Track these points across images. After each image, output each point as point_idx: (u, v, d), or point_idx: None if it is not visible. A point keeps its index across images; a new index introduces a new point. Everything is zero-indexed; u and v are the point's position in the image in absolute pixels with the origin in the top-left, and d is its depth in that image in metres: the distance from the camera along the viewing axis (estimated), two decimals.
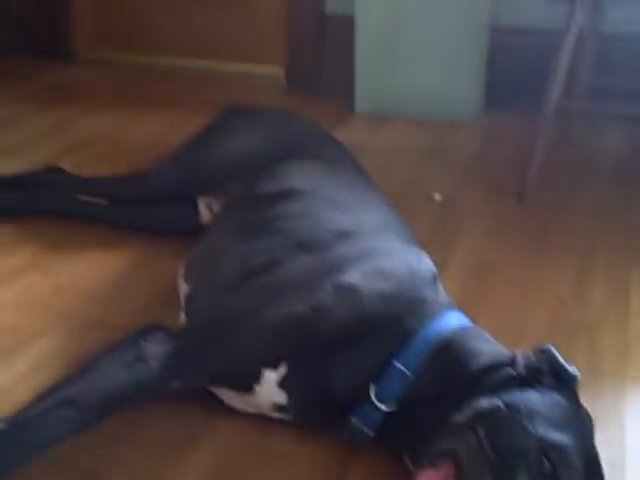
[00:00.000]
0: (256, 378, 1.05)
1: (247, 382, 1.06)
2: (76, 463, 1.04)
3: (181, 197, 1.61)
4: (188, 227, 1.60)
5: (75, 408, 0.98)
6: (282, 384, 1.05)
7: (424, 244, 1.29)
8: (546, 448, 0.86)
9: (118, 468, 1.04)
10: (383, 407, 1.01)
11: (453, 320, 1.07)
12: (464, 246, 1.64)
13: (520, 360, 0.97)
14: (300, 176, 1.44)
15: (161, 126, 2.30)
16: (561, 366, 0.95)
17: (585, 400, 0.97)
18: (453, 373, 1.00)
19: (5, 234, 1.64)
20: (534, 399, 0.91)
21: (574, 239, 1.67)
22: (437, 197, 1.85)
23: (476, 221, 1.75)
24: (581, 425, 0.92)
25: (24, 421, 0.99)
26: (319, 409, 1.06)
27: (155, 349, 1.06)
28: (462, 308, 1.17)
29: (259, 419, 1.11)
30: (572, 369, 0.95)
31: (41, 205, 1.69)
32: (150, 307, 1.40)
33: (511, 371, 0.96)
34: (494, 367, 0.98)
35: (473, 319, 1.13)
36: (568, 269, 1.56)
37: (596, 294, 1.47)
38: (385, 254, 1.16)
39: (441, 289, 1.17)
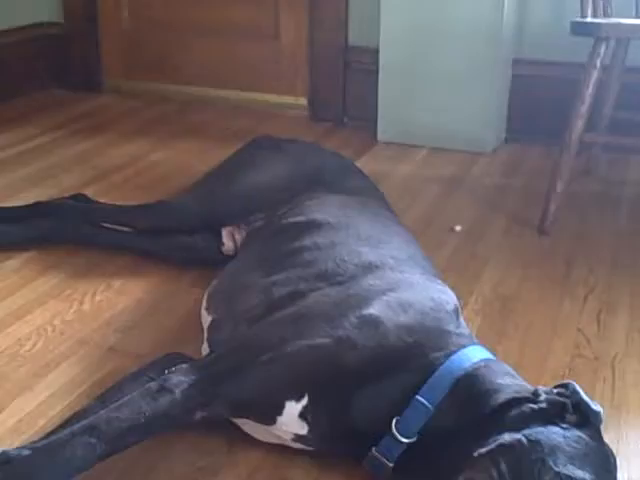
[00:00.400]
0: (278, 409, 1.05)
1: (269, 413, 1.06)
2: None
3: (205, 227, 1.63)
4: (211, 257, 1.61)
5: (98, 437, 0.99)
6: (303, 415, 1.05)
7: (445, 275, 1.29)
8: None
9: None
10: (404, 440, 1.01)
11: (475, 353, 1.07)
12: (485, 278, 1.64)
13: (542, 395, 0.97)
14: (323, 208, 1.45)
15: (186, 155, 2.33)
16: (584, 402, 0.94)
17: (608, 436, 0.96)
18: (474, 407, 1.00)
19: (30, 261, 1.67)
20: (556, 435, 0.91)
21: (595, 272, 1.67)
22: (458, 228, 1.85)
23: (497, 253, 1.75)
24: (603, 462, 0.91)
25: (48, 448, 0.99)
26: (340, 440, 1.06)
27: (179, 379, 1.06)
28: (483, 340, 1.17)
29: (279, 449, 1.11)
30: (595, 405, 0.95)
31: (66, 233, 1.71)
32: (172, 336, 1.41)
33: (533, 406, 0.96)
34: (516, 402, 0.98)
35: (494, 352, 1.13)
36: (590, 303, 1.55)
37: (618, 328, 1.46)
38: (408, 287, 1.17)
39: (463, 322, 1.18)
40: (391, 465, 1.02)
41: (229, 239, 1.62)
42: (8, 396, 1.23)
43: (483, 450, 0.93)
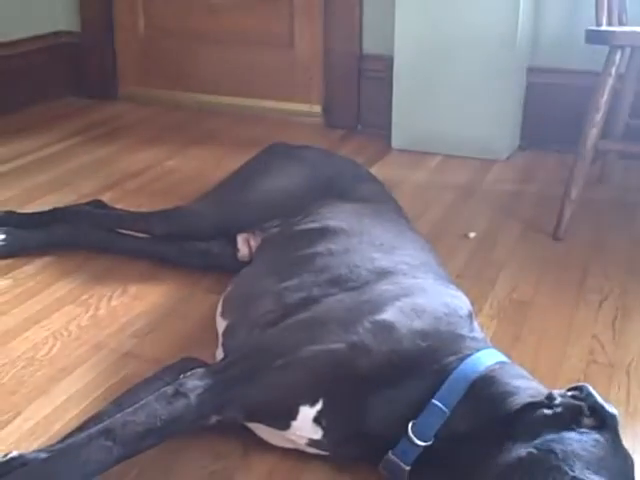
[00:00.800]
0: (293, 414, 1.06)
1: (284, 418, 1.07)
2: None
3: (220, 233, 1.63)
4: (226, 263, 1.62)
5: (114, 440, 0.99)
6: (318, 420, 1.05)
7: (459, 281, 1.29)
8: None
9: None
10: (420, 443, 1.01)
11: (489, 357, 1.08)
12: (500, 284, 1.64)
13: (557, 399, 0.97)
14: (338, 214, 1.46)
15: (201, 162, 2.34)
16: (599, 405, 0.93)
17: (624, 442, 0.96)
18: (490, 411, 1.00)
19: (47, 266, 1.68)
20: (571, 440, 0.90)
21: (610, 279, 1.66)
22: (472, 235, 1.85)
23: (511, 259, 1.75)
24: (621, 466, 0.91)
25: (64, 451, 1.00)
26: (354, 444, 1.06)
27: (194, 384, 1.06)
28: (498, 346, 1.17)
29: (294, 453, 1.12)
30: (610, 408, 0.94)
31: (83, 239, 1.72)
32: (186, 341, 1.41)
33: (548, 411, 0.96)
34: (531, 406, 0.98)
35: (509, 356, 1.13)
36: (605, 309, 1.54)
37: (633, 335, 1.46)
38: (421, 292, 1.17)
39: (477, 326, 1.18)
40: (407, 468, 1.02)
41: (244, 245, 1.62)
42: (24, 400, 1.24)
43: (495, 468, 0.93)
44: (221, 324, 1.32)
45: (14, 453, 1.05)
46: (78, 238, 1.72)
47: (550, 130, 2.41)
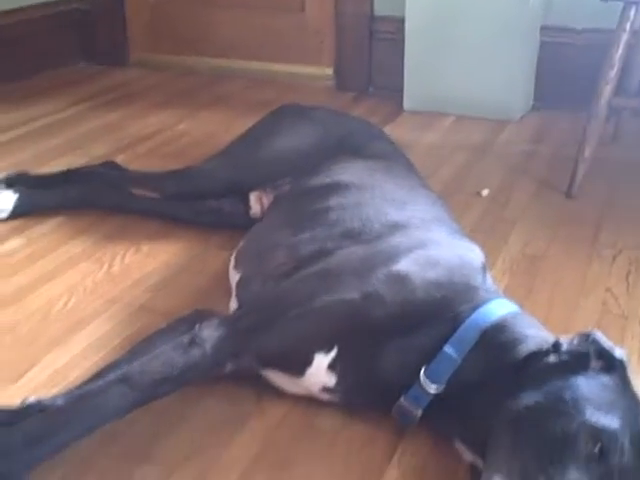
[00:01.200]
0: (308, 361, 1.06)
1: (298, 365, 1.07)
2: (124, 440, 1.06)
3: (232, 192, 1.63)
4: (238, 221, 1.62)
5: (131, 386, 1.01)
6: (332, 367, 1.06)
7: (472, 237, 1.29)
8: (594, 433, 0.86)
9: (166, 446, 1.06)
10: (432, 389, 1.01)
11: (501, 307, 1.08)
12: (513, 240, 1.63)
13: (564, 345, 0.97)
14: (350, 170, 1.46)
15: (213, 125, 2.34)
16: (606, 349, 0.94)
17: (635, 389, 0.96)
18: (500, 358, 1.01)
19: (60, 226, 1.69)
20: (579, 385, 0.91)
21: (624, 235, 1.65)
22: (485, 193, 1.85)
23: (524, 216, 1.75)
24: (631, 407, 0.90)
25: (81, 396, 1.02)
26: (367, 391, 1.07)
27: (209, 332, 1.08)
28: (511, 298, 1.16)
29: (307, 400, 1.13)
30: (618, 351, 0.94)
31: (96, 199, 1.73)
32: (199, 295, 1.42)
33: (555, 358, 0.96)
34: (538, 354, 0.98)
35: (521, 308, 1.12)
36: (618, 263, 1.54)
37: None
38: (435, 244, 1.18)
39: (489, 278, 1.18)
40: (419, 414, 1.03)
41: (256, 203, 1.63)
42: (42, 351, 1.26)
43: (505, 417, 0.93)
44: (234, 276, 1.33)
45: (31, 399, 1.06)
46: (91, 198, 1.73)
47: (564, 90, 2.39)
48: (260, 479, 1.00)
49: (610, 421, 0.87)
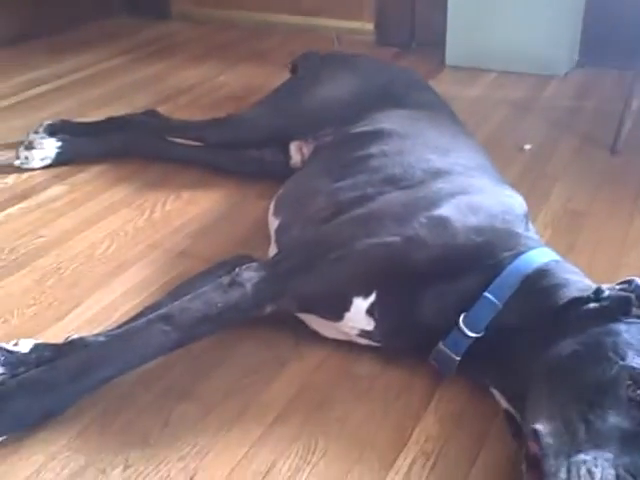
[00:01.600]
0: (346, 305, 1.07)
1: (337, 309, 1.08)
2: (164, 379, 1.08)
3: (273, 141, 1.63)
4: (278, 170, 1.62)
5: (172, 325, 1.02)
6: (371, 311, 1.06)
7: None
8: (635, 377, 0.85)
9: (206, 386, 1.07)
10: (471, 334, 1.01)
11: (543, 255, 1.07)
12: (555, 195, 1.61)
13: (605, 292, 0.96)
14: (393, 119, 1.44)
15: (252, 78, 2.33)
16: None
17: None
18: (540, 304, 1.00)
19: (102, 173, 1.71)
20: (620, 330, 0.90)
21: None
22: (527, 147, 1.82)
23: (567, 171, 1.72)
24: None
25: (123, 335, 1.03)
26: (406, 336, 1.07)
27: (249, 274, 1.08)
28: None
29: (345, 346, 1.13)
30: None
31: (138, 147, 1.74)
32: (239, 242, 1.43)
33: (596, 305, 0.95)
34: (579, 300, 0.97)
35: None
36: None
37: None
38: (477, 191, 1.16)
39: (532, 227, 1.16)
40: (457, 359, 1.03)
41: (297, 153, 1.62)
42: (85, 292, 1.28)
43: (545, 363, 0.93)
44: (274, 223, 1.33)
45: (75, 336, 1.08)
46: (133, 146, 1.74)
47: (610, 46, 2.32)
48: (297, 419, 1.01)
49: None
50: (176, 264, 1.36)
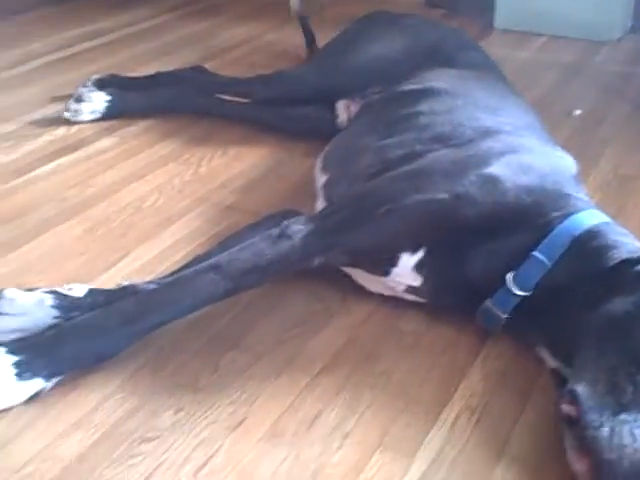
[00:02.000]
0: (394, 261, 1.07)
1: (385, 264, 1.08)
2: (213, 328, 1.10)
3: (321, 98, 1.63)
4: (325, 128, 1.61)
5: (221, 274, 1.03)
6: (418, 267, 1.07)
7: None
8: None
9: (254, 336, 1.09)
10: (519, 292, 1.01)
11: (594, 216, 1.06)
12: (605, 160, 1.59)
13: None
14: (442, 77, 1.43)
15: (299, 38, 2.30)
16: None
17: None
18: (590, 264, 1.00)
19: (150, 128, 1.72)
20: None
21: None
22: (577, 112, 1.80)
23: (617, 137, 1.70)
24: None
25: (174, 282, 1.05)
26: (453, 293, 1.08)
27: (298, 227, 1.09)
28: None
29: (392, 302, 1.14)
30: None
31: (185, 102, 1.75)
32: (285, 198, 1.44)
33: None
34: (631, 260, 0.97)
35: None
36: None
37: None
38: (528, 151, 1.15)
39: (583, 188, 1.15)
40: (504, 317, 1.03)
41: (344, 111, 1.62)
42: (133, 242, 1.30)
43: (593, 324, 0.93)
44: (321, 179, 1.33)
45: (126, 283, 1.10)
46: (180, 102, 1.75)
47: None
48: (343, 371, 1.03)
49: None
50: (223, 217, 1.37)
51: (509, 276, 1.02)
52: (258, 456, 0.89)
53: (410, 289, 1.10)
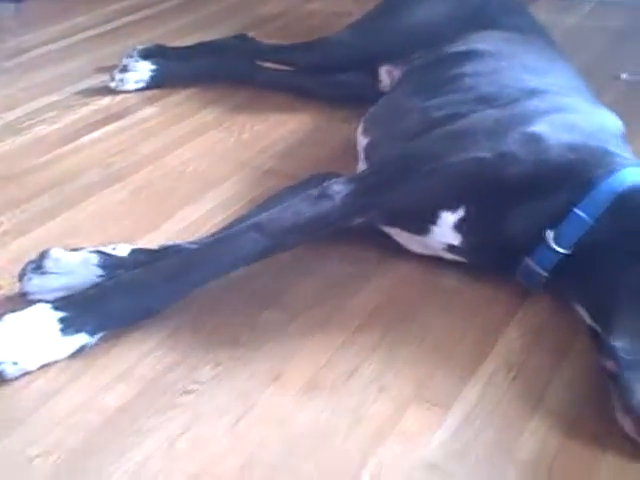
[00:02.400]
0: (433, 219, 1.07)
1: (425, 223, 1.08)
2: (252, 287, 1.11)
3: (363, 64, 1.63)
4: (367, 94, 1.61)
5: (262, 233, 1.04)
6: (458, 226, 1.06)
7: None
8: None
9: (291, 295, 1.10)
10: (559, 249, 1.00)
11: (638, 173, 1.04)
12: None
13: None
14: (487, 40, 1.42)
15: (341, 6, 2.31)
16: None
17: None
18: (633, 222, 0.98)
19: (191, 96, 1.74)
20: None
21: None
22: (624, 76, 1.76)
23: None
24: None
25: (215, 242, 1.07)
26: (493, 252, 1.07)
27: (338, 187, 1.09)
28: None
29: (430, 261, 1.14)
30: None
31: (227, 70, 1.76)
32: (325, 162, 1.44)
33: None
34: None
35: None
36: None
37: None
38: (573, 110, 1.14)
39: (628, 147, 1.14)
40: (545, 275, 1.03)
41: (387, 77, 1.61)
42: (176, 206, 1.32)
43: (631, 281, 0.92)
44: (363, 141, 1.33)
45: (169, 243, 1.12)
46: (223, 69, 1.77)
47: None
48: (379, 329, 1.03)
49: None
50: (264, 181, 1.38)
51: (550, 234, 1.01)
52: (295, 408, 0.91)
53: (450, 248, 1.10)
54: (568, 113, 1.11)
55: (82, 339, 0.98)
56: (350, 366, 0.97)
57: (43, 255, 1.05)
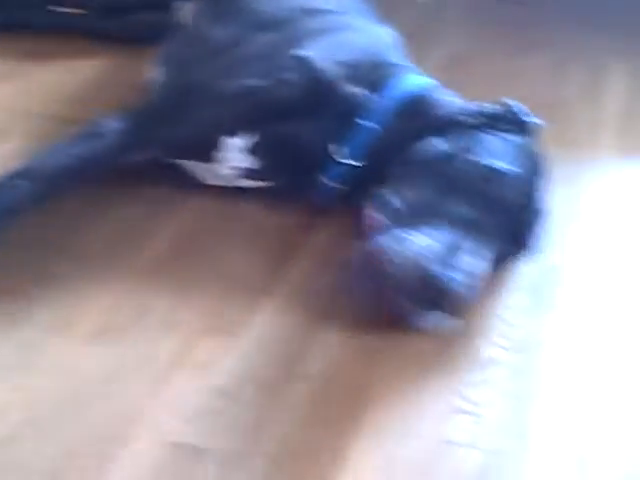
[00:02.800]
0: (215, 146, 1.07)
1: (206, 150, 1.07)
2: (38, 236, 1.05)
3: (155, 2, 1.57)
4: (165, 32, 1.55)
5: (28, 178, 0.99)
6: (249, 149, 1.07)
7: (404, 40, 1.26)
8: (487, 174, 0.92)
9: (79, 242, 1.05)
10: (348, 161, 1.03)
11: (420, 79, 1.09)
12: (443, 41, 1.61)
13: (483, 109, 1.01)
14: None
15: None
16: (515, 113, 0.98)
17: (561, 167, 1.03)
18: (418, 122, 1.03)
19: None
20: (482, 137, 0.96)
21: (554, 32, 1.65)
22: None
23: (457, 20, 1.72)
24: (529, 160, 0.97)
25: None
26: (291, 173, 1.08)
27: (114, 125, 1.06)
28: None
29: (227, 192, 1.13)
30: (530, 118, 0.99)
31: (16, 18, 1.65)
32: (120, 104, 1.38)
33: (472, 119, 1.00)
34: (459, 115, 1.02)
35: None
36: (546, 57, 1.55)
37: (573, 78, 1.47)
38: (349, 28, 1.17)
39: (408, 60, 1.16)
40: (338, 187, 1.05)
41: (185, 11, 1.55)
42: None
43: (408, 156, 0.99)
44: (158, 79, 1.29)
45: None
46: (10, 18, 1.64)
47: None
48: (174, 266, 1.02)
49: (503, 165, 0.94)
50: (50, 131, 1.27)
51: (335, 148, 1.04)
52: (82, 355, 0.88)
53: (245, 172, 1.09)
54: (343, 33, 1.14)
55: None
56: (140, 308, 0.95)
57: None
